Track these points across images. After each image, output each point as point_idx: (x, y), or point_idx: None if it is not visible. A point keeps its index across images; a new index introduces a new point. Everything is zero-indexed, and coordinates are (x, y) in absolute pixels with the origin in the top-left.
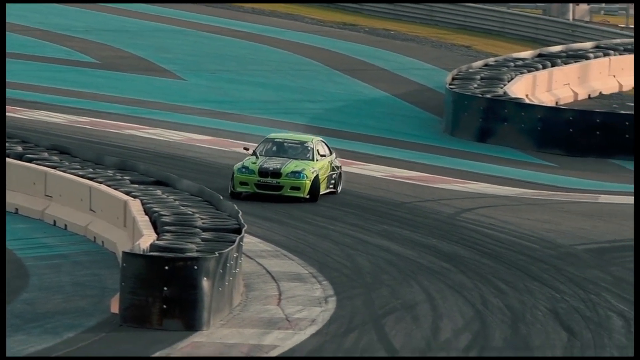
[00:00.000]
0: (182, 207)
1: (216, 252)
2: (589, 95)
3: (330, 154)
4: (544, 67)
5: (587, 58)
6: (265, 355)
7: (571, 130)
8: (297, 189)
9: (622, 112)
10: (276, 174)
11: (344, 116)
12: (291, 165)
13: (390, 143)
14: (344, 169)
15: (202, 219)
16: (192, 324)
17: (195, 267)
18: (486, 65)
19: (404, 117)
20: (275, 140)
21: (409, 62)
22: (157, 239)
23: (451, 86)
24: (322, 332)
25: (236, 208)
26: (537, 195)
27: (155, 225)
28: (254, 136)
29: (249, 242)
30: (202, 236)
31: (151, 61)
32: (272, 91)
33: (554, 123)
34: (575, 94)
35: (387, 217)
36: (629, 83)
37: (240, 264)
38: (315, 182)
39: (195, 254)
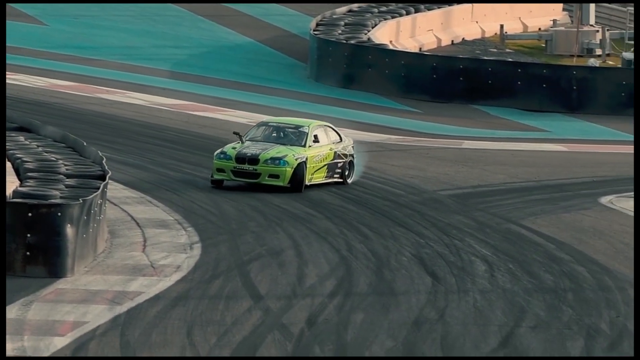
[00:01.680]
0: (45, 154)
1: (80, 199)
2: (452, 41)
3: (340, 140)
4: (408, 13)
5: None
6: (130, 301)
7: (435, 76)
8: (276, 176)
9: (485, 58)
10: (254, 160)
11: (208, 62)
12: (273, 151)
13: (255, 89)
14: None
15: (65, 165)
16: (55, 270)
17: (59, 214)
18: (350, 11)
19: (268, 63)
20: (269, 124)
21: (273, 8)
22: (20, 186)
23: (315, 32)
24: (187, 279)
25: (100, 154)
26: (401, 141)
27: (18, 172)
28: (118, 82)
29: (114, 188)
30: (66, 183)
31: (12, 6)
32: (135, 37)
33: (417, 69)
34: (439, 40)
35: None
36: (491, 29)
37: (104, 211)
38: (299, 170)
39: (58, 201)
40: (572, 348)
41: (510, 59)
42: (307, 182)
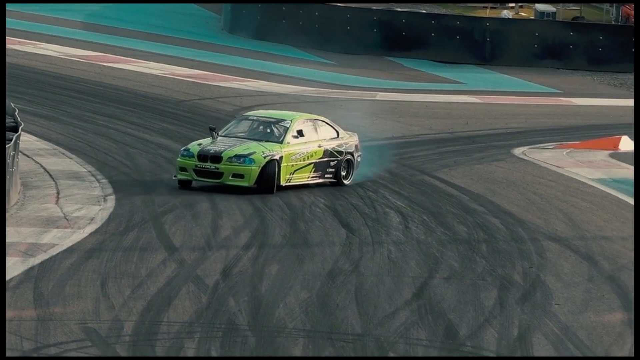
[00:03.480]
0: None
1: None
2: None
3: (337, 136)
4: None
5: None
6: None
7: (349, 28)
8: (240, 176)
9: (399, 9)
10: (216, 157)
11: (122, 13)
12: (240, 148)
13: (170, 41)
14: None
15: None
16: None
17: None
18: None
19: (182, 15)
20: (250, 117)
21: None
22: None
23: None
24: (101, 231)
25: (13, 106)
26: (316, 93)
27: None
28: (30, 33)
29: (27, 140)
30: None
31: None
32: None
33: (331, 21)
34: None
35: (166, 116)
36: None
37: (17, 163)
38: (268, 169)
39: None
40: (486, 299)
41: (424, 11)
42: (284, 183)
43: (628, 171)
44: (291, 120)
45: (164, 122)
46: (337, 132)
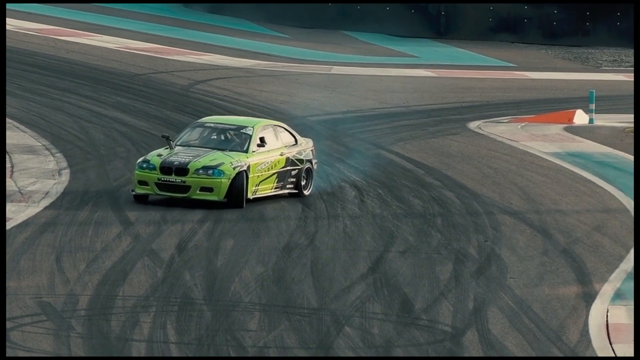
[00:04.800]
0: None
1: None
2: None
3: (295, 143)
4: None
5: None
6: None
7: (303, 2)
8: (210, 190)
9: None
10: (182, 169)
11: None
12: (206, 159)
13: (124, 14)
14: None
15: None
16: None
17: None
18: None
19: None
20: (206, 124)
21: None
22: None
23: None
24: (56, 205)
25: None
26: (270, 67)
27: None
28: None
29: None
30: None
31: None
32: None
33: None
34: None
35: (121, 89)
36: None
37: None
38: (238, 182)
39: None
40: (441, 272)
41: None
42: (251, 195)
43: (582, 145)
44: (253, 127)
45: (119, 96)
46: (296, 139)
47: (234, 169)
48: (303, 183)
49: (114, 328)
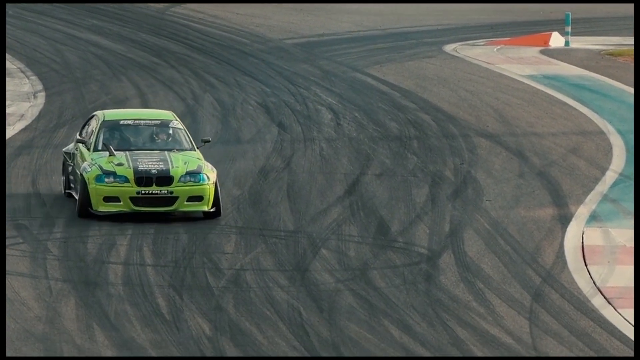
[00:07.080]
0: None
1: None
2: None
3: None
4: None
5: None
6: None
7: None
8: (199, 199)
9: None
10: (165, 178)
11: None
12: (178, 161)
13: None
14: None
15: None
16: None
17: None
18: None
19: None
20: (121, 122)
21: None
22: None
23: None
24: (31, 127)
25: None
26: None
27: None
28: None
29: None
30: None
31: None
32: None
33: None
34: None
35: (96, 12)
36: None
37: None
38: (217, 186)
39: None
40: (417, 195)
41: None
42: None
43: (558, 67)
44: (176, 120)
45: (94, 19)
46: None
47: (212, 170)
48: None
49: (91, 250)
